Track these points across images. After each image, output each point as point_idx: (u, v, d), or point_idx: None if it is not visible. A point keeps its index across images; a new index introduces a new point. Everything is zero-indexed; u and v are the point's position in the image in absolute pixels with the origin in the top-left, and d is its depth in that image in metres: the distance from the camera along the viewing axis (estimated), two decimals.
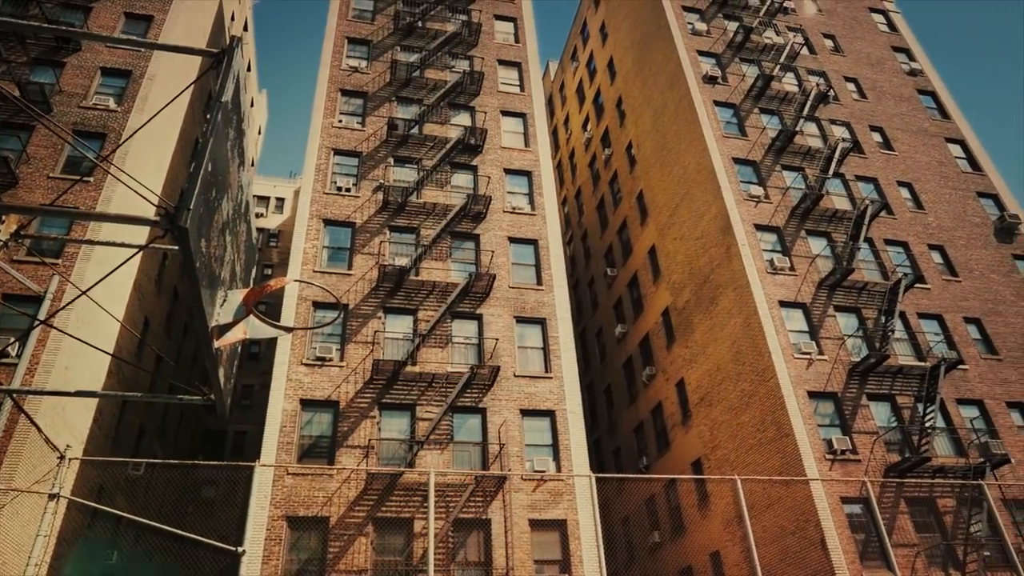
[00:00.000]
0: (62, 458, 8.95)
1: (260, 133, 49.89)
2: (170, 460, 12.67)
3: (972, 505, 19.89)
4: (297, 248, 22.51)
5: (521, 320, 22.67)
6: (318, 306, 21.68)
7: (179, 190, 26.82)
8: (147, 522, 9.46)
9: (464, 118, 27.55)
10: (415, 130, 26.14)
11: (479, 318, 22.38)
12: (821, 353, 22.54)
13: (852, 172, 28.55)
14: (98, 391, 20.22)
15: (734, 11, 34.24)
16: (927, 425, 20.88)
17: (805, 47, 33.39)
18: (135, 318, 23.21)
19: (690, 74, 29.87)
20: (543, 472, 19.52)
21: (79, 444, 18.98)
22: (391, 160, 25.50)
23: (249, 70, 42.62)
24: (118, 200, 21.03)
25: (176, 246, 4.53)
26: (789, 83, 31.55)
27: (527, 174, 26.46)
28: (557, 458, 20.12)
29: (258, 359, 43.37)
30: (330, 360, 20.54)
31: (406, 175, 25.30)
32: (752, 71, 31.45)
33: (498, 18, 31.69)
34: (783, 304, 23.45)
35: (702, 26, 32.41)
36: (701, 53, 31.40)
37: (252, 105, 44.41)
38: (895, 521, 19.75)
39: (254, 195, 52.61)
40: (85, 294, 5.99)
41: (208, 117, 5.16)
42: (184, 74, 27.28)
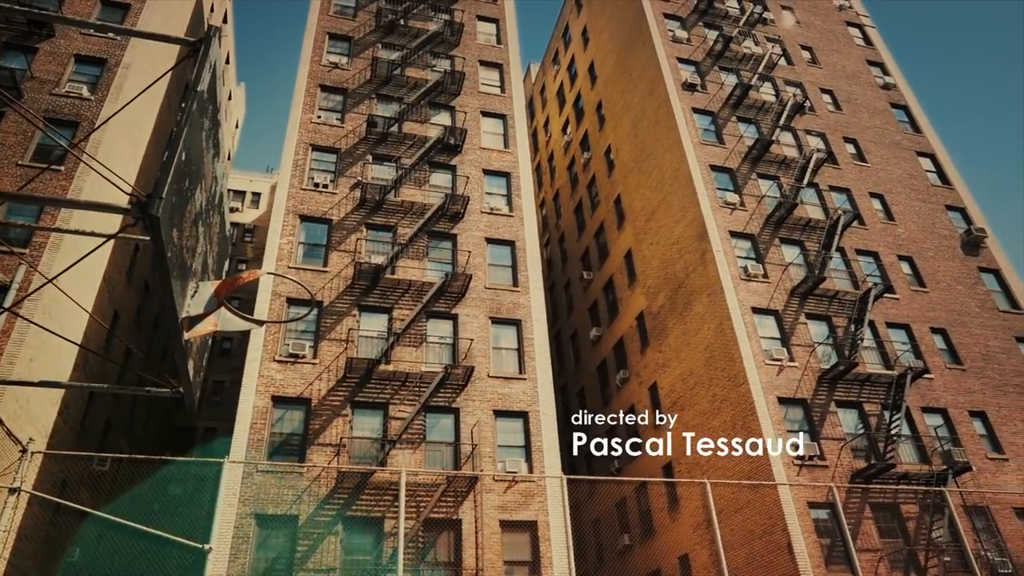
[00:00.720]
0: (24, 452, 8.77)
1: (237, 127, 49.29)
2: (136, 455, 12.48)
3: (934, 511, 20.30)
4: (272, 243, 22.27)
5: (496, 321, 22.67)
6: (292, 302, 21.48)
7: (152, 181, 26.37)
8: (111, 518, 9.31)
9: (444, 118, 27.49)
10: (394, 128, 26.02)
11: (454, 318, 22.34)
12: (792, 360, 22.86)
13: (826, 182, 29.01)
14: (63, 381, 19.82)
15: (714, 20, 34.61)
16: (893, 432, 21.27)
17: (783, 58, 33.87)
18: (104, 311, 22.78)
19: (670, 81, 30.14)
20: (515, 473, 19.53)
21: (43, 438, 18.58)
22: (370, 158, 25.35)
23: (228, 63, 42.12)
24: (89, 190, 20.64)
25: (147, 236, 4.48)
26: (767, 93, 31.98)
27: (506, 175, 26.47)
28: (529, 459, 20.14)
29: (230, 355, 42.81)
30: (303, 357, 20.35)
31: (384, 173, 25.17)
32: (731, 80, 31.81)
33: (481, 19, 31.68)
34: (756, 311, 23.75)
35: (683, 34, 32.71)
36: (681, 60, 31.68)
37: (230, 98, 43.88)
38: (860, 526, 20.09)
39: (230, 189, 51.95)
40: (51, 282, 5.89)
41: (183, 106, 5.10)
42: (161, 64, 26.85)
